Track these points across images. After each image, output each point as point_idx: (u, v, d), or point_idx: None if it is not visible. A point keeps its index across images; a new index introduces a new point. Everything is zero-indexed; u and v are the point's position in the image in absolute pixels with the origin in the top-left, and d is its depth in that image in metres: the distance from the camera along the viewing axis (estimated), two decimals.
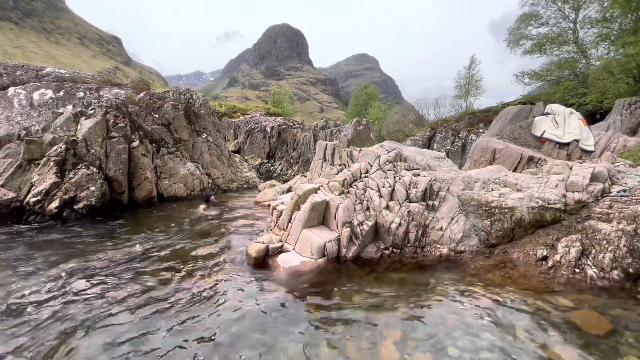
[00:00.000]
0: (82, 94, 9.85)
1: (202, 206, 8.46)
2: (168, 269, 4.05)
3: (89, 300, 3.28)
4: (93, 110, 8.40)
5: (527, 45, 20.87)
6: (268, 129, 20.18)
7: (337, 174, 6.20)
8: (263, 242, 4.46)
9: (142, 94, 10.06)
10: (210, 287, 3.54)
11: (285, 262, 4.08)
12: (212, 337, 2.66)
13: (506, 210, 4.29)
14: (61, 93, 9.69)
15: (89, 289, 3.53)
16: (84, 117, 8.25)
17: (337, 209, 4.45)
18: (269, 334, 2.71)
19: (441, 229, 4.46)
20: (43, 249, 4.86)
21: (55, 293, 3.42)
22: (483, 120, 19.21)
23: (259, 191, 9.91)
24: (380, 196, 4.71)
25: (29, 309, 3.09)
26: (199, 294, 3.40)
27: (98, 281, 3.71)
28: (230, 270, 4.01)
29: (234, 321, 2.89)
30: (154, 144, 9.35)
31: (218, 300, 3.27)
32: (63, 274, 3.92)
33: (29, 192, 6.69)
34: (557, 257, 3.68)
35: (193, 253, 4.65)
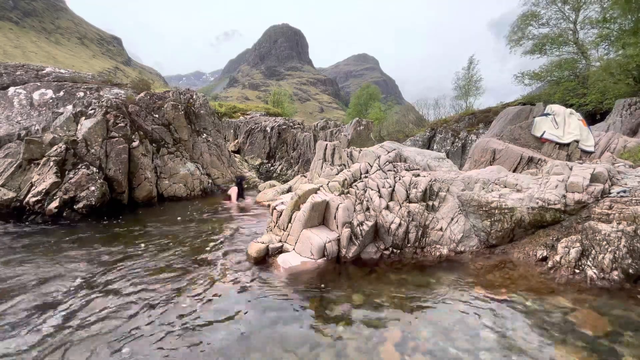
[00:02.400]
0: (82, 93, 9.86)
1: (234, 190, 8.43)
2: (166, 269, 4.05)
3: (89, 299, 3.28)
4: (93, 110, 8.41)
5: (527, 45, 20.89)
6: (268, 129, 20.19)
7: (337, 174, 6.21)
8: (263, 242, 4.45)
9: (142, 94, 10.07)
10: (209, 287, 3.54)
11: (285, 262, 4.07)
12: (211, 337, 2.65)
13: (506, 210, 4.29)
14: (61, 93, 9.69)
15: (88, 288, 3.53)
16: (84, 117, 8.25)
17: (337, 209, 4.45)
18: (268, 334, 2.71)
19: (441, 229, 4.46)
20: (42, 249, 4.86)
21: (55, 293, 3.42)
22: (483, 120, 19.18)
23: (259, 191, 9.92)
24: (380, 196, 4.71)
25: (28, 309, 3.09)
26: (198, 294, 3.40)
27: (98, 281, 3.71)
28: (229, 270, 4.01)
29: (233, 321, 2.89)
30: (154, 144, 9.35)
31: (217, 300, 3.27)
32: (62, 274, 3.92)
33: (28, 192, 6.69)
34: (557, 258, 3.68)
35: (192, 253, 4.65)
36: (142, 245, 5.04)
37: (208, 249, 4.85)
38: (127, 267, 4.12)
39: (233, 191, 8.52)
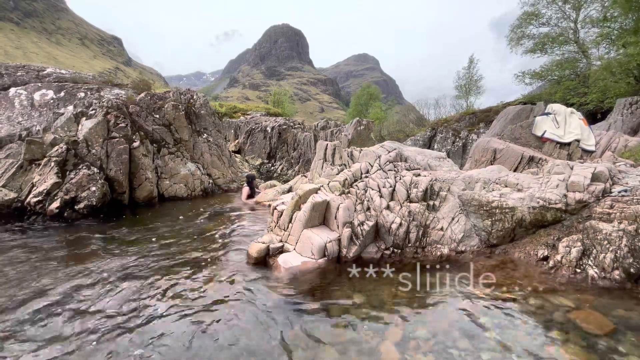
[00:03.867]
0: (83, 94, 9.86)
1: (245, 189, 8.82)
2: (167, 270, 4.06)
3: (90, 300, 3.28)
4: (94, 111, 8.41)
5: (528, 44, 20.86)
6: (268, 129, 20.19)
7: (337, 174, 6.20)
8: (263, 242, 4.46)
9: (142, 95, 10.08)
10: (210, 288, 3.54)
11: (286, 262, 4.07)
12: (211, 336, 2.66)
13: (507, 210, 4.28)
14: (62, 93, 9.70)
15: (89, 289, 3.53)
16: (84, 118, 8.26)
17: (337, 209, 4.45)
18: (269, 334, 2.71)
19: (442, 229, 4.46)
20: (43, 250, 4.87)
21: (56, 293, 3.43)
22: (484, 120, 19.13)
23: (260, 191, 9.92)
24: (381, 196, 4.71)
25: (28, 310, 3.10)
26: (198, 294, 3.40)
27: (99, 281, 3.71)
28: (230, 271, 4.01)
29: (233, 321, 2.89)
30: (154, 144, 9.35)
31: (217, 300, 3.27)
32: (63, 274, 3.93)
33: (29, 192, 6.70)
34: (558, 257, 3.67)
35: (193, 253, 4.65)
36: (143, 245, 5.04)
37: (208, 249, 4.85)
38: (125, 268, 4.12)
39: (244, 190, 8.91)
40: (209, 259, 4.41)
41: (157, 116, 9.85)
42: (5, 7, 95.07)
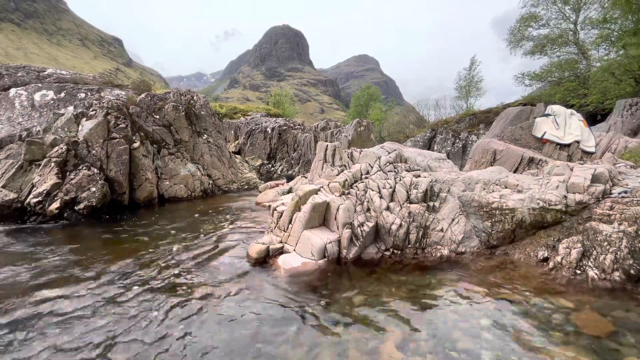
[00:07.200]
0: (83, 95, 9.88)
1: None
2: (168, 271, 4.05)
3: (90, 301, 3.28)
4: (94, 112, 8.42)
5: (527, 46, 20.87)
6: (269, 130, 20.20)
7: (337, 175, 6.21)
8: (264, 243, 4.46)
9: (143, 95, 10.09)
10: (210, 289, 3.54)
11: (286, 263, 4.07)
12: (211, 337, 2.65)
13: (507, 211, 4.28)
14: (62, 94, 9.71)
15: (90, 289, 3.53)
16: (85, 118, 8.27)
17: (337, 210, 4.45)
18: (269, 336, 2.70)
19: (442, 230, 4.46)
20: (43, 250, 4.86)
21: (56, 293, 3.42)
22: (484, 121, 19.12)
23: (260, 192, 9.92)
24: (381, 197, 4.71)
25: (28, 310, 3.10)
26: (198, 295, 3.40)
27: (99, 282, 3.71)
28: (230, 271, 4.01)
29: (234, 323, 2.89)
30: (154, 145, 9.36)
31: (217, 302, 3.27)
32: (63, 275, 3.93)
33: (30, 192, 6.71)
34: (558, 258, 3.67)
35: (193, 254, 4.65)
36: (143, 246, 5.04)
37: (209, 250, 4.85)
38: (124, 269, 4.12)
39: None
40: (208, 260, 4.41)
41: (158, 117, 9.87)
42: (6, 8, 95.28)
